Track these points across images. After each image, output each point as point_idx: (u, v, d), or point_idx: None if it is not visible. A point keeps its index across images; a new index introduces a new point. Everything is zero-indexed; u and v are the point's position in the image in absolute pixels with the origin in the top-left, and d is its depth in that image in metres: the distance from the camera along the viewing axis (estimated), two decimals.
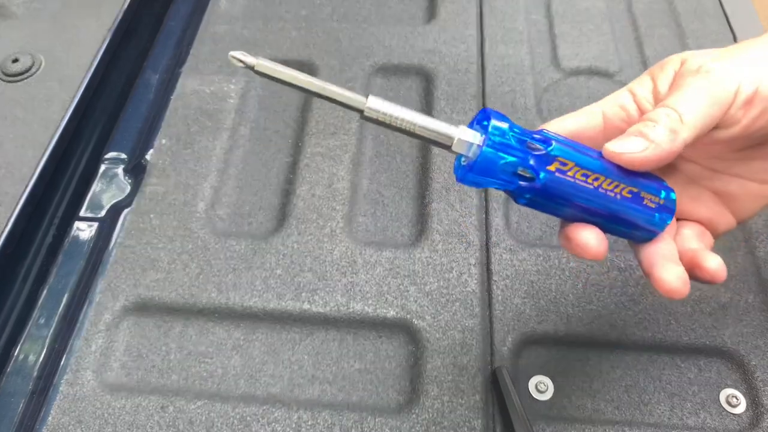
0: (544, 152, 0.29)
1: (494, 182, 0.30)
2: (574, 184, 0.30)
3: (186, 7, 0.72)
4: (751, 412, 0.43)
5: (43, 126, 0.54)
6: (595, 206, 0.30)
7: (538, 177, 0.29)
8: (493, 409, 0.43)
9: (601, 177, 0.30)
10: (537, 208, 0.31)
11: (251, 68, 0.28)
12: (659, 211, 0.31)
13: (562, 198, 0.30)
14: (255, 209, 0.53)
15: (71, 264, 0.52)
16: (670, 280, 0.30)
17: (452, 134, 0.29)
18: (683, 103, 0.30)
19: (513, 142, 0.29)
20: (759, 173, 0.34)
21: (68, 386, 0.44)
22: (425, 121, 0.29)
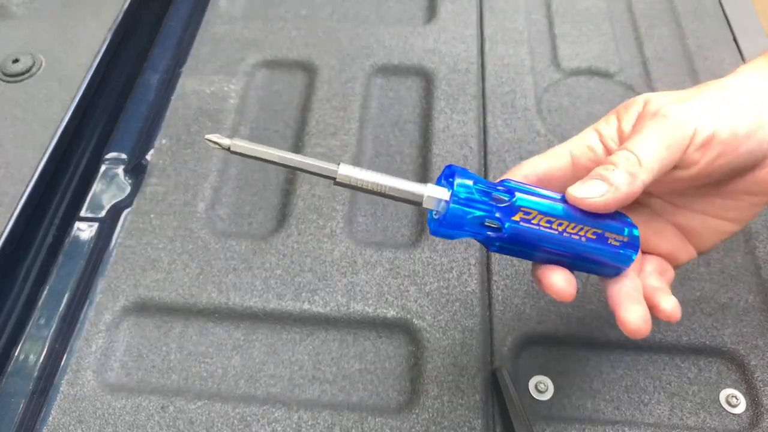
0: (509, 203, 0.31)
1: (464, 234, 0.32)
2: (538, 232, 0.31)
3: (186, 7, 0.72)
4: (750, 412, 0.43)
5: (44, 126, 0.54)
6: (562, 250, 0.32)
7: (503, 227, 0.31)
8: (493, 409, 0.43)
9: (565, 222, 0.32)
10: (508, 253, 0.33)
11: (227, 149, 0.30)
12: (623, 248, 0.33)
13: (528, 244, 0.32)
14: (255, 209, 0.53)
15: (71, 264, 0.52)
16: (632, 320, 0.31)
17: (421, 193, 0.31)
18: (641, 146, 0.31)
19: (477, 197, 0.31)
20: (719, 210, 0.35)
21: (68, 386, 0.44)
22: (395, 183, 0.31)
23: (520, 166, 0.35)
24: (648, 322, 0.32)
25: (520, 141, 0.57)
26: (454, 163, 0.54)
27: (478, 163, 0.55)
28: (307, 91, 0.61)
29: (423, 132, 0.58)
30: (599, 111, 0.60)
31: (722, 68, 0.62)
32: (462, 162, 0.55)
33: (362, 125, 0.58)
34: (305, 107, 0.60)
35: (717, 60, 0.63)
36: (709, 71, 0.62)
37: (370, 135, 0.58)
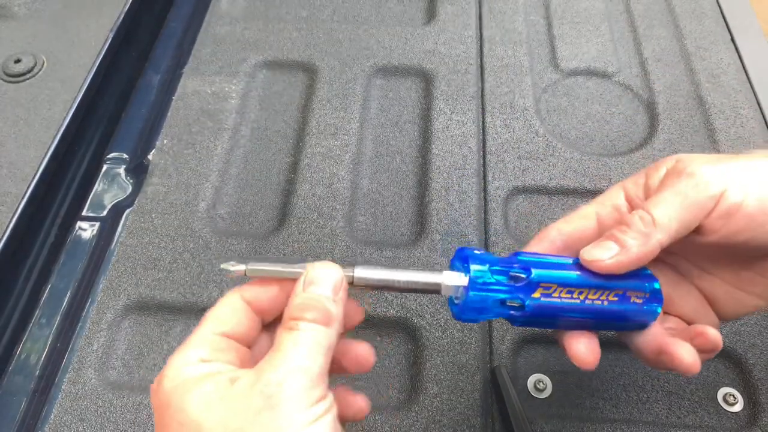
0: (527, 280, 0.31)
1: (488, 316, 0.31)
2: (560, 304, 0.31)
3: (187, 8, 0.72)
4: (748, 411, 0.43)
5: (45, 126, 0.54)
6: (585, 317, 0.32)
7: (525, 305, 0.31)
8: (492, 407, 0.43)
9: (585, 290, 0.31)
10: (533, 326, 0.33)
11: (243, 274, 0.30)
12: (647, 304, 0.32)
13: (551, 317, 0.32)
14: (256, 209, 0.54)
15: (73, 263, 0.52)
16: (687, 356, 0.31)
17: (438, 281, 0.31)
18: (659, 205, 0.30)
19: (494, 279, 0.31)
20: (746, 284, 0.34)
21: (70, 385, 0.44)
22: (411, 277, 0.31)
23: (547, 230, 0.34)
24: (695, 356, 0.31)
25: (519, 141, 0.57)
26: (454, 164, 0.55)
27: (477, 163, 0.55)
28: (307, 92, 0.62)
29: (422, 132, 0.58)
30: (597, 111, 0.60)
31: (720, 69, 0.62)
32: (461, 162, 0.55)
33: (362, 125, 0.59)
34: (306, 107, 0.60)
35: (715, 60, 0.63)
36: (707, 72, 0.62)
37: (370, 135, 0.58)
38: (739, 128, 0.58)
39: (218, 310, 0.29)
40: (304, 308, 0.27)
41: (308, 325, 0.27)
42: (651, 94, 0.61)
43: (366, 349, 0.32)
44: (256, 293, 0.30)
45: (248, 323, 0.29)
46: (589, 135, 0.59)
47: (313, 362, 0.26)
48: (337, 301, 0.28)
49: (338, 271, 0.29)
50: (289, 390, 0.25)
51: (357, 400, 0.31)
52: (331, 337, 0.27)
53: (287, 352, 0.26)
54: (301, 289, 0.28)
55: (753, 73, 0.62)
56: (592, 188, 0.54)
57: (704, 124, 0.58)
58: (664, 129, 0.58)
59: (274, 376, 0.25)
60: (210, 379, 0.26)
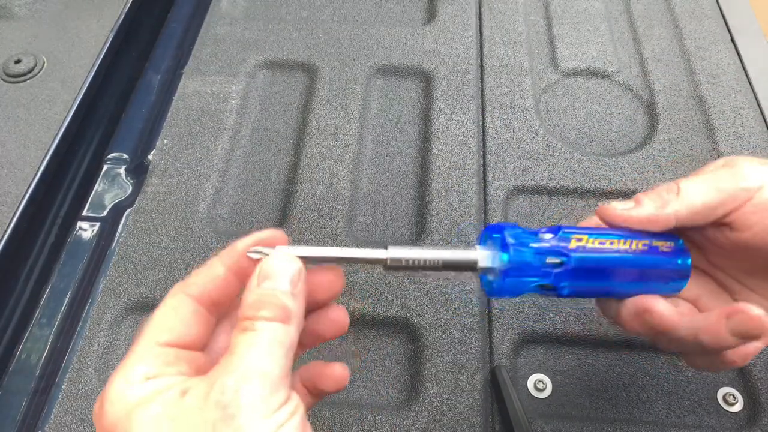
0: (558, 236, 0.31)
1: (530, 282, 0.31)
2: (598, 252, 0.31)
3: (187, 8, 0.72)
4: (748, 411, 0.43)
5: (46, 126, 0.54)
6: (624, 266, 0.31)
7: (568, 257, 0.31)
8: (492, 407, 0.43)
9: (615, 240, 0.32)
10: (577, 294, 0.32)
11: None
12: (677, 255, 0.32)
13: (594, 270, 0.31)
14: (256, 209, 0.54)
15: (73, 263, 0.52)
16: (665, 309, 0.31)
17: (474, 258, 0.30)
18: (690, 182, 0.31)
19: (530, 238, 0.31)
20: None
21: (71, 385, 0.44)
22: (445, 255, 0.30)
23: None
24: None
25: (519, 141, 0.57)
26: (454, 164, 0.55)
27: (477, 163, 0.55)
28: (307, 92, 0.62)
29: (422, 132, 0.58)
30: (597, 111, 0.60)
31: (720, 69, 0.62)
32: (461, 162, 0.55)
33: (362, 126, 0.59)
34: (306, 108, 0.60)
35: (715, 61, 0.63)
36: (707, 72, 0.62)
37: (370, 135, 0.58)
38: (739, 128, 0.58)
39: (160, 316, 0.26)
40: (259, 305, 0.25)
41: (264, 324, 0.25)
42: (651, 94, 0.61)
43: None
44: (203, 286, 0.27)
45: (198, 325, 0.27)
46: (589, 135, 0.59)
47: (273, 364, 0.24)
48: (296, 294, 0.26)
49: (295, 261, 0.27)
50: (246, 397, 0.22)
51: (334, 369, 0.30)
52: (291, 335, 0.25)
53: (243, 355, 0.24)
54: (255, 284, 0.26)
55: (753, 73, 0.62)
56: (592, 188, 0.54)
57: (704, 124, 0.58)
58: (664, 129, 0.58)
59: (230, 382, 0.23)
60: (157, 398, 0.23)
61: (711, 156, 0.56)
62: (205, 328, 0.27)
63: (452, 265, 0.30)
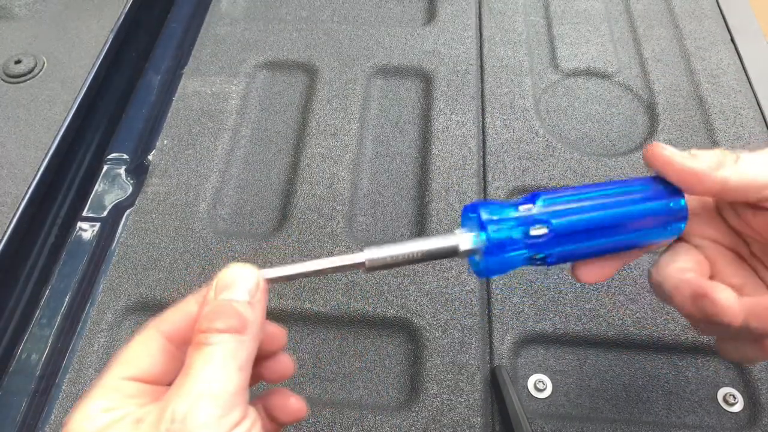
0: (537, 204, 0.30)
1: (517, 257, 0.30)
2: (582, 211, 0.30)
3: (187, 8, 0.72)
4: (748, 411, 0.43)
5: (46, 127, 0.54)
6: (612, 220, 0.30)
7: (549, 223, 0.30)
8: (492, 407, 0.43)
9: (599, 197, 0.30)
10: (570, 257, 0.31)
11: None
12: (668, 197, 0.31)
13: (580, 232, 0.30)
14: (256, 209, 0.54)
15: (73, 264, 0.52)
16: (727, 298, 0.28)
17: (454, 244, 0.29)
18: (751, 155, 0.29)
19: (508, 211, 0.30)
20: None
21: (71, 385, 0.44)
22: (424, 246, 0.29)
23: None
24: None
25: (519, 141, 0.57)
26: (454, 164, 0.55)
27: (477, 163, 0.55)
28: (307, 92, 0.62)
29: (422, 132, 0.58)
30: (597, 111, 0.60)
31: (720, 69, 0.62)
32: (461, 162, 0.55)
33: (362, 126, 0.59)
34: (306, 108, 0.60)
35: (715, 61, 0.63)
36: (707, 72, 0.62)
37: (370, 135, 0.58)
38: (739, 128, 0.58)
39: (129, 351, 0.26)
40: (213, 316, 0.24)
41: (219, 336, 0.24)
42: (651, 94, 0.61)
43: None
44: (174, 321, 0.26)
45: (165, 362, 0.26)
46: (589, 135, 0.59)
47: (226, 382, 0.23)
48: (254, 303, 0.25)
49: (252, 271, 0.26)
50: (196, 422, 0.22)
51: (292, 400, 0.29)
52: (248, 346, 0.24)
53: (196, 375, 0.23)
54: (212, 296, 0.25)
55: (753, 73, 0.62)
56: None
57: (704, 124, 0.58)
58: (664, 129, 0.58)
59: (179, 407, 0.22)
60: (113, 428, 0.23)
61: None
62: (172, 364, 0.26)
63: (433, 254, 0.29)
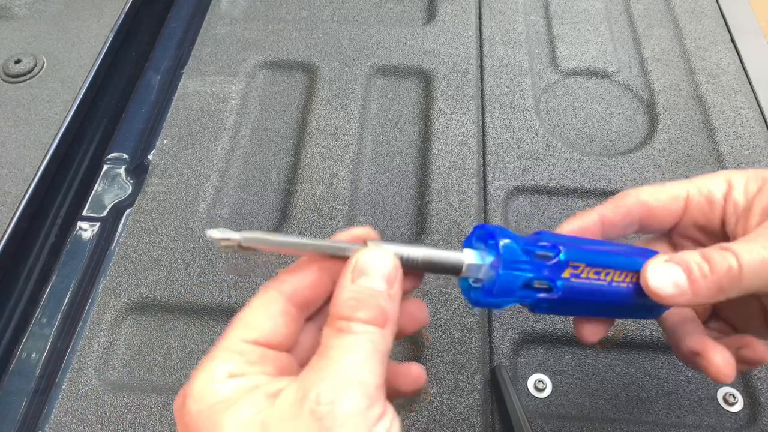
0: (556, 260, 0.28)
1: (511, 300, 0.29)
2: (590, 286, 0.29)
3: (187, 8, 0.72)
4: (748, 411, 0.43)
5: (46, 126, 0.54)
6: (611, 300, 0.30)
7: (556, 287, 0.28)
8: (492, 407, 0.43)
9: (611, 270, 0.29)
10: (554, 313, 0.30)
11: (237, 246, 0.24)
12: None
13: (579, 301, 0.29)
14: (256, 209, 0.54)
15: (73, 263, 0.52)
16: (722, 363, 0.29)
17: (460, 260, 0.27)
18: (755, 261, 0.26)
19: (524, 258, 0.28)
20: None
21: (71, 385, 0.44)
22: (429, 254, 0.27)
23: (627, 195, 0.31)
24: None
25: (519, 141, 0.57)
26: (454, 164, 0.55)
27: (477, 163, 0.55)
28: (307, 92, 0.62)
29: (422, 132, 0.58)
30: (597, 111, 0.60)
31: (720, 69, 0.62)
32: (461, 162, 0.55)
33: (362, 125, 0.59)
34: (306, 108, 0.60)
35: (715, 60, 0.63)
36: (707, 72, 0.62)
37: (370, 135, 0.58)
38: (739, 128, 0.58)
39: (249, 313, 0.25)
40: (355, 305, 0.23)
41: (361, 326, 0.23)
42: (651, 94, 0.61)
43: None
44: (296, 284, 0.25)
45: (287, 325, 0.25)
46: (589, 135, 0.59)
47: (371, 373, 0.22)
48: (393, 296, 0.24)
49: (392, 258, 0.25)
50: (344, 410, 0.21)
51: (411, 369, 0.28)
52: (388, 341, 0.23)
53: (340, 361, 0.22)
54: (349, 280, 0.24)
55: (753, 73, 0.62)
56: (591, 188, 0.54)
57: (704, 124, 0.58)
58: (664, 129, 0.58)
59: (326, 391, 0.21)
60: (245, 400, 0.22)
61: (711, 156, 0.56)
62: (293, 328, 0.25)
63: (434, 265, 0.27)
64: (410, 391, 0.28)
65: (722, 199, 0.30)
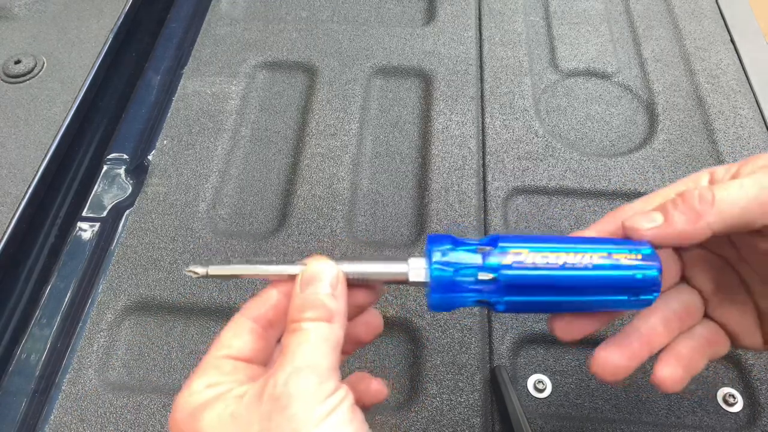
0: (494, 249, 0.29)
1: (463, 298, 0.29)
2: (538, 271, 0.28)
3: (187, 8, 0.72)
4: (748, 411, 0.43)
5: (46, 127, 0.54)
6: (569, 282, 0.29)
7: (498, 273, 0.28)
8: (491, 408, 0.43)
9: (562, 253, 0.29)
10: (520, 310, 0.30)
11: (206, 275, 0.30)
12: (640, 269, 0.29)
13: (531, 287, 0.29)
14: (256, 209, 0.54)
15: (73, 264, 0.52)
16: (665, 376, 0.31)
17: (404, 269, 0.29)
18: (728, 189, 0.27)
19: (460, 252, 0.29)
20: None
21: (70, 385, 0.44)
22: (378, 268, 0.30)
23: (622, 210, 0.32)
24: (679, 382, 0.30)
25: (519, 141, 0.57)
26: (454, 164, 0.55)
27: (476, 163, 0.55)
28: (307, 92, 0.62)
29: (422, 133, 0.58)
30: (597, 112, 0.60)
31: (720, 69, 0.62)
32: (461, 162, 0.55)
33: (362, 126, 0.59)
34: (306, 108, 0.60)
35: (714, 61, 0.63)
36: (706, 72, 0.62)
37: (370, 135, 0.58)
38: (739, 128, 0.58)
39: (221, 335, 0.29)
40: (302, 308, 0.27)
41: (310, 324, 0.27)
42: (650, 94, 0.61)
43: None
44: (258, 307, 0.29)
45: (255, 341, 0.29)
46: (589, 135, 0.59)
47: (321, 358, 0.26)
48: (337, 296, 0.28)
49: (333, 266, 0.29)
50: (297, 387, 0.24)
51: (373, 383, 0.32)
52: (336, 333, 0.27)
53: (293, 353, 0.26)
54: (299, 290, 0.28)
55: (752, 73, 0.62)
56: (591, 188, 0.54)
57: (704, 124, 0.58)
58: (664, 129, 0.58)
59: (281, 377, 0.25)
60: (218, 400, 0.26)
61: (711, 156, 0.56)
62: (262, 343, 0.29)
63: (384, 277, 0.30)
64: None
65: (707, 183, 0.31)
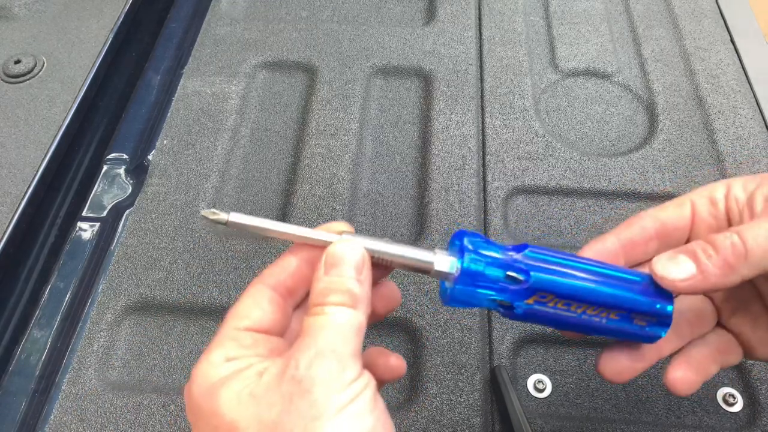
0: (523, 284, 0.29)
1: (484, 295, 0.29)
2: (553, 315, 0.29)
3: (187, 8, 0.72)
4: (748, 411, 0.43)
5: (45, 127, 0.54)
6: (581, 329, 0.30)
7: (514, 307, 0.29)
8: (491, 407, 0.43)
9: (584, 305, 0.29)
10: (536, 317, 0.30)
11: (225, 224, 0.28)
12: (650, 327, 0.30)
13: (544, 322, 0.30)
14: (256, 209, 0.54)
15: (73, 264, 0.52)
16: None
17: (430, 261, 0.29)
18: (756, 237, 0.27)
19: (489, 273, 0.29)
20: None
21: (70, 385, 0.44)
22: (401, 251, 0.29)
23: (641, 216, 0.32)
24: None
25: (518, 141, 0.57)
26: (454, 164, 0.55)
27: (476, 163, 0.55)
28: (307, 92, 0.62)
29: (422, 132, 0.58)
30: (597, 111, 0.60)
31: (720, 69, 0.62)
32: (461, 162, 0.55)
33: (362, 126, 0.59)
34: (306, 108, 0.60)
35: (714, 61, 0.63)
36: (706, 72, 0.62)
37: (370, 135, 0.58)
38: (739, 128, 0.58)
39: (239, 305, 0.28)
40: (327, 292, 0.26)
41: (333, 308, 0.26)
42: (650, 94, 0.61)
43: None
44: (277, 275, 0.28)
45: (274, 312, 0.28)
46: (589, 135, 0.59)
47: (343, 343, 0.25)
48: (362, 281, 0.27)
49: (359, 249, 0.28)
50: (320, 372, 0.24)
51: (392, 358, 0.31)
52: (360, 319, 0.26)
53: (315, 336, 0.25)
54: (323, 272, 0.27)
55: (752, 73, 0.62)
56: (591, 188, 0.54)
57: (704, 124, 0.58)
58: (664, 129, 0.58)
59: (303, 358, 0.24)
60: (238, 376, 0.25)
61: (710, 156, 0.56)
62: (281, 314, 0.28)
63: (407, 263, 0.29)
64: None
65: (723, 198, 0.31)
